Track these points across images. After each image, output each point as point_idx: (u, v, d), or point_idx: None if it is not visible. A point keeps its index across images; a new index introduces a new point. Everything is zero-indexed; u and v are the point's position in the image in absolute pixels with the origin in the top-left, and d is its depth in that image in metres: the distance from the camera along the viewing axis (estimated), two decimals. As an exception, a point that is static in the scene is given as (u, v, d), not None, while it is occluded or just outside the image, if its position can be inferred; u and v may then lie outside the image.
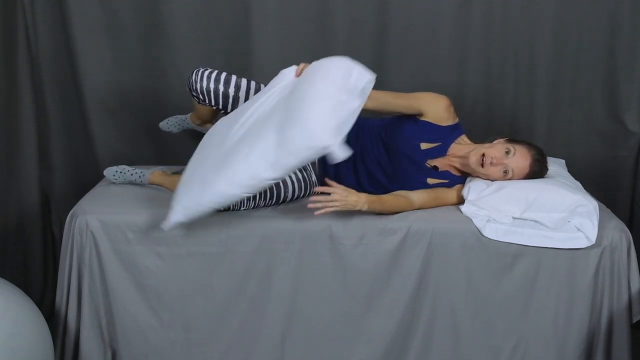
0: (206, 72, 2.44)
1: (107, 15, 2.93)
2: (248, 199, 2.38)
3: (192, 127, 2.86)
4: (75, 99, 3.02)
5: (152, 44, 2.97)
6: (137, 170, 2.65)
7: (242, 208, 2.39)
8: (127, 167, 2.66)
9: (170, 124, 2.89)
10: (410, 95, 2.49)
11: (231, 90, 2.43)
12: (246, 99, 2.47)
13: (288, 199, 2.50)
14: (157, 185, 2.63)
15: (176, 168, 2.88)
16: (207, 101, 2.42)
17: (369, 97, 2.24)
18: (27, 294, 2.30)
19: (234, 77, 2.48)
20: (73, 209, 2.43)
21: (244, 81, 2.49)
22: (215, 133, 2.36)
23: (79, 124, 3.06)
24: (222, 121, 2.40)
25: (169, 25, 2.94)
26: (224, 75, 2.46)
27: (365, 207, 2.28)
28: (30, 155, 2.95)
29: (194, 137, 3.01)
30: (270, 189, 2.43)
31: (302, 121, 2.06)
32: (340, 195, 2.24)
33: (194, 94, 2.45)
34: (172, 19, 2.93)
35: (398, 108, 2.48)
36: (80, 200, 2.51)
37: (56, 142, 3.07)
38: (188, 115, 2.85)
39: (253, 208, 2.42)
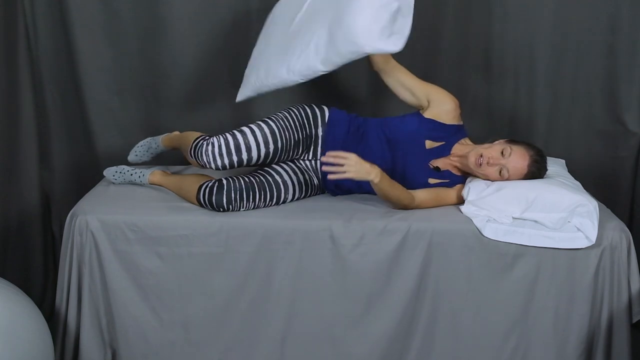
0: (216, 150, 2.37)
1: (107, 15, 2.93)
2: (247, 199, 2.38)
3: (164, 150, 2.78)
4: (75, 99, 3.02)
5: (152, 44, 2.97)
6: (137, 170, 2.65)
7: (242, 208, 2.39)
8: (126, 167, 2.66)
9: (139, 153, 2.78)
10: (424, 82, 2.59)
11: (244, 156, 2.40)
12: (258, 155, 2.41)
13: (288, 201, 2.50)
14: (157, 185, 2.63)
15: (176, 168, 2.88)
16: (223, 169, 2.42)
17: (391, 62, 2.53)
18: (27, 294, 2.29)
19: (240, 139, 2.39)
20: (73, 209, 2.43)
21: (250, 137, 2.40)
22: (278, 15, 2.58)
23: (79, 124, 3.06)
24: (282, 3, 2.61)
25: (169, 25, 2.94)
26: (232, 142, 2.38)
27: (377, 179, 2.29)
28: (30, 155, 2.95)
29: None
30: (271, 190, 2.43)
31: (347, 25, 2.23)
32: (354, 164, 2.27)
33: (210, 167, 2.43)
34: (172, 19, 2.93)
35: (410, 84, 2.57)
36: (80, 200, 2.51)
37: (56, 142, 3.07)
38: (159, 139, 2.76)
39: (253, 208, 2.42)
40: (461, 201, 2.46)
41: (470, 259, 2.32)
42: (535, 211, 2.32)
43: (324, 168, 2.30)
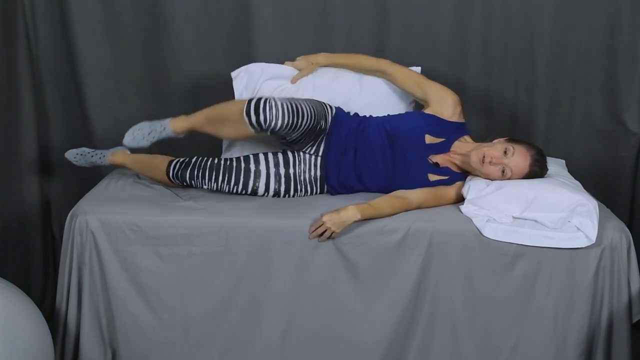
0: (279, 109, 2.30)
1: (108, 15, 2.93)
2: (210, 179, 2.44)
3: (170, 136, 2.61)
4: (75, 99, 3.03)
5: (152, 44, 2.97)
6: (97, 151, 2.72)
7: (204, 186, 2.47)
8: (87, 149, 2.74)
9: (137, 137, 2.58)
10: (423, 82, 2.62)
11: (299, 120, 2.36)
12: (307, 122, 2.38)
13: (262, 192, 2.49)
14: (119, 165, 2.68)
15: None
16: (279, 130, 2.34)
17: (387, 64, 2.65)
18: (27, 294, 2.30)
19: (296, 105, 2.35)
20: (73, 209, 2.43)
21: (303, 104, 2.38)
22: None
23: (78, 124, 3.06)
24: None
25: (169, 25, 2.94)
26: (292, 105, 2.34)
27: (358, 216, 2.29)
28: (30, 155, 2.95)
29: (198, 134, 2.99)
30: (237, 175, 2.44)
31: None
32: (328, 221, 2.27)
33: (268, 128, 2.33)
34: (172, 19, 2.93)
35: (409, 89, 2.63)
36: (80, 200, 2.51)
37: (56, 142, 3.07)
38: (167, 122, 2.62)
39: (217, 190, 2.45)
40: (460, 199, 2.46)
41: (470, 259, 2.32)
42: (535, 211, 2.32)
43: (320, 240, 2.31)
